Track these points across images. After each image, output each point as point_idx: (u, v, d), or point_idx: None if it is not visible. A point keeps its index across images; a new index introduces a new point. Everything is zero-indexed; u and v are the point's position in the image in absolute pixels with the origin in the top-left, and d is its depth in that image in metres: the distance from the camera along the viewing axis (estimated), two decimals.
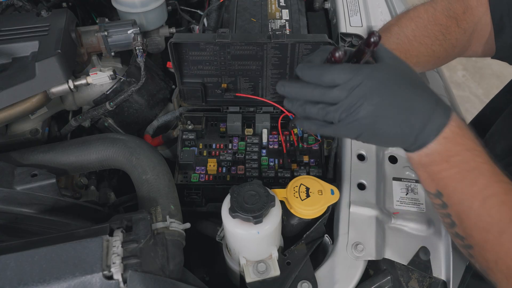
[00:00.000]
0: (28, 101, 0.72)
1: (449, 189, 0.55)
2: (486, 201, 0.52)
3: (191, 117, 0.86)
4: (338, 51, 0.52)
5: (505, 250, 0.51)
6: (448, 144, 0.53)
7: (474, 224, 0.53)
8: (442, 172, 0.54)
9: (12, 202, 0.60)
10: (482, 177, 0.53)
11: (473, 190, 0.53)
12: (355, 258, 0.64)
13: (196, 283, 0.59)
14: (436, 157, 0.54)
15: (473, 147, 0.54)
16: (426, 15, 0.75)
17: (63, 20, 0.77)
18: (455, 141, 0.53)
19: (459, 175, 0.54)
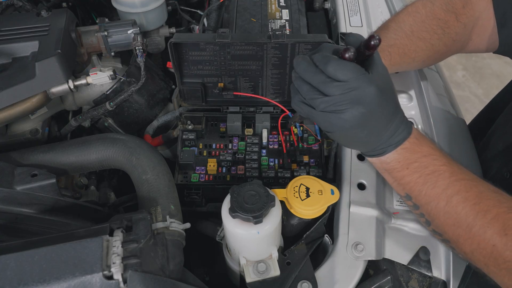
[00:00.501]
0: (28, 101, 0.72)
1: (415, 192, 0.60)
2: (450, 200, 0.57)
3: (191, 117, 0.86)
4: (348, 52, 0.54)
5: (476, 242, 0.55)
6: (406, 154, 0.59)
7: (444, 222, 0.58)
8: (405, 177, 0.59)
9: (12, 202, 0.60)
10: (442, 179, 0.58)
11: (436, 192, 0.58)
12: (355, 258, 0.64)
13: (196, 283, 0.59)
14: (395, 165, 0.60)
15: (430, 152, 0.59)
16: (424, 10, 0.75)
17: (63, 20, 0.77)
18: (412, 149, 0.59)
19: (421, 179, 0.58)
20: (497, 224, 0.54)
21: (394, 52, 0.72)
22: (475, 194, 0.56)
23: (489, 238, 0.54)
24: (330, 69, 0.55)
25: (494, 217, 0.54)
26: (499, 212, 0.54)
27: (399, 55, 0.73)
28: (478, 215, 0.55)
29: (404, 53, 0.73)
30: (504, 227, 0.53)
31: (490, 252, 0.53)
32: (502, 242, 0.53)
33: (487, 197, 0.56)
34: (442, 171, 0.58)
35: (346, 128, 0.56)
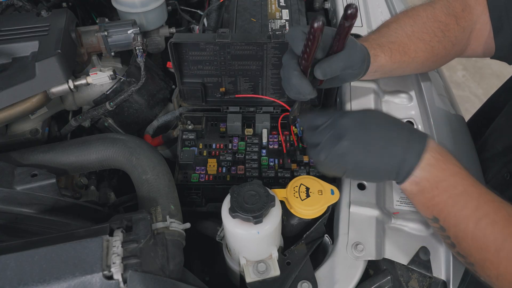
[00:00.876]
0: (28, 101, 0.72)
1: (443, 214, 0.58)
2: (479, 222, 0.55)
3: (191, 117, 0.86)
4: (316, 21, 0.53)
5: (504, 266, 0.53)
6: (434, 171, 0.57)
7: (472, 245, 0.56)
8: (435, 198, 0.57)
9: (12, 202, 0.59)
10: (472, 200, 0.56)
11: (466, 213, 0.56)
12: (355, 258, 0.64)
13: (196, 283, 0.59)
14: (425, 184, 0.57)
15: (458, 171, 0.57)
16: (425, 13, 0.76)
17: (63, 20, 0.77)
18: (439, 167, 0.57)
19: (450, 200, 0.57)
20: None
21: (395, 49, 0.72)
22: (504, 217, 0.54)
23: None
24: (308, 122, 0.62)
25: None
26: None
27: (399, 52, 0.73)
28: (508, 238, 0.53)
29: (404, 51, 0.73)
30: None
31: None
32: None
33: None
34: (471, 191, 0.56)
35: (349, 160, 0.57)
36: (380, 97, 0.84)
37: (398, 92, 0.85)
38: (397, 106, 0.84)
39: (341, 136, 0.57)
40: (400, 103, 0.84)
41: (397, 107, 0.84)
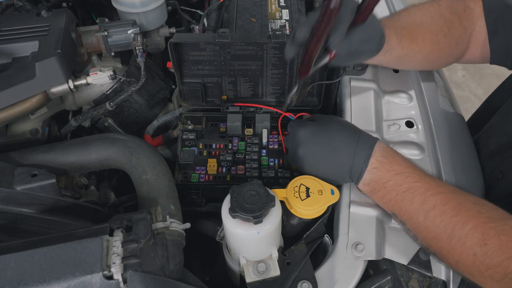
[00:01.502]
0: (28, 101, 0.72)
1: (397, 209, 0.63)
2: (428, 214, 0.59)
3: (191, 117, 0.86)
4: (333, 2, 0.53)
5: (458, 252, 0.56)
6: (379, 173, 0.64)
7: (427, 236, 0.60)
8: (385, 196, 0.64)
9: (12, 202, 0.59)
10: (418, 195, 0.61)
11: (414, 207, 0.60)
12: (355, 258, 0.64)
13: (196, 283, 0.59)
14: (374, 185, 0.64)
15: (402, 170, 0.63)
16: (432, 8, 0.77)
17: (63, 20, 0.77)
18: (384, 169, 0.63)
19: (398, 197, 0.62)
20: (476, 234, 0.55)
21: (405, 34, 0.73)
22: (452, 207, 0.58)
23: (469, 248, 0.55)
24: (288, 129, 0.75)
25: (473, 228, 0.55)
26: (478, 222, 0.56)
27: (409, 39, 0.73)
28: (456, 226, 0.57)
29: (413, 39, 0.73)
30: (484, 237, 0.54)
31: (472, 262, 0.55)
32: (482, 251, 0.54)
33: (465, 208, 0.58)
34: (417, 187, 0.61)
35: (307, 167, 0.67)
36: (380, 97, 0.84)
37: (398, 92, 0.85)
38: (397, 106, 0.84)
39: (297, 145, 0.68)
40: (400, 103, 0.84)
41: (397, 107, 0.84)
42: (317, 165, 0.67)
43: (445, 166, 0.74)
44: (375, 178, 0.64)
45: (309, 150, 0.67)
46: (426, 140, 0.78)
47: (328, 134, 0.66)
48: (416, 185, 0.61)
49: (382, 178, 0.63)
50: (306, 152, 0.67)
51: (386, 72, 0.89)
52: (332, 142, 0.66)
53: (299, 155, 0.67)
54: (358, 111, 0.80)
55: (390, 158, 0.64)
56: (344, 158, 0.65)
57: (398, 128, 0.80)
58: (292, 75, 0.85)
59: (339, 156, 0.65)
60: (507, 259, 0.52)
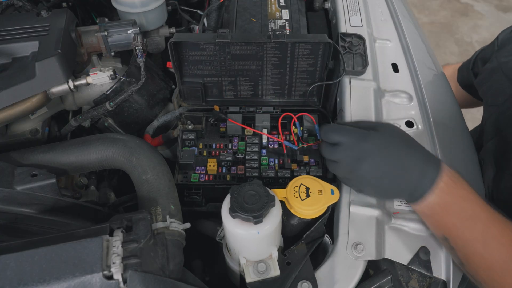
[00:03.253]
0: (28, 101, 0.72)
1: (453, 235, 0.60)
2: (487, 244, 0.58)
3: (191, 117, 0.86)
4: None
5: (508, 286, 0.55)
6: (445, 196, 0.60)
7: (479, 266, 0.59)
8: (444, 220, 0.61)
9: (12, 202, 0.59)
10: (480, 223, 0.59)
11: (474, 236, 0.59)
12: (355, 258, 0.64)
13: (196, 283, 0.59)
14: (436, 208, 0.61)
15: (468, 196, 0.61)
16: None
17: (63, 20, 0.77)
18: (450, 192, 0.60)
19: (459, 223, 0.59)
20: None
21: None
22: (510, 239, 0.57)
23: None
24: (329, 136, 0.64)
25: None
26: None
27: None
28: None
29: None
30: None
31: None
32: None
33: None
34: (480, 215, 0.59)
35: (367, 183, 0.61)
36: (380, 97, 0.84)
37: (398, 92, 0.85)
38: (397, 106, 0.84)
39: (361, 159, 0.60)
40: (400, 103, 0.84)
41: (397, 107, 0.84)
42: (382, 183, 0.61)
43: None
44: (439, 202, 0.60)
45: (378, 165, 0.60)
46: (426, 140, 0.78)
47: (396, 149, 0.61)
48: (479, 213, 0.59)
49: (447, 202, 0.60)
50: (371, 168, 0.60)
51: (386, 72, 0.89)
52: (400, 158, 0.61)
53: (362, 171, 0.60)
54: (358, 111, 0.80)
55: (458, 183, 0.61)
56: (412, 177, 0.60)
57: None
58: (292, 75, 0.85)
59: (407, 174, 0.60)
60: None
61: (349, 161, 0.62)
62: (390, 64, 0.90)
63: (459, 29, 3.03)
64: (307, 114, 0.84)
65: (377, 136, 0.61)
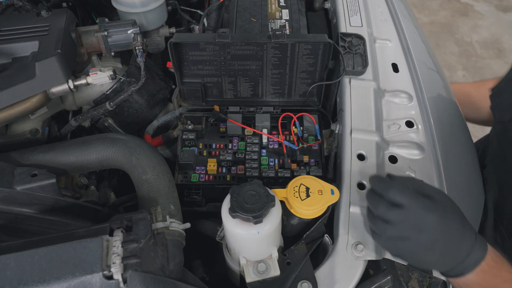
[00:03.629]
0: (28, 101, 0.72)
1: None
2: None
3: (191, 117, 0.86)
4: None
5: None
6: (486, 276, 0.58)
7: None
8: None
9: (12, 202, 0.59)
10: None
11: None
12: (355, 258, 0.64)
13: (196, 283, 0.59)
14: (475, 287, 0.59)
15: (510, 278, 0.59)
16: None
17: (63, 20, 0.77)
18: (491, 273, 0.58)
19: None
20: None
21: None
22: None
23: None
24: (390, 195, 0.58)
25: None
26: None
27: None
28: None
29: None
30: None
31: None
32: None
33: None
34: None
35: (414, 254, 0.58)
36: (380, 97, 0.84)
37: (398, 92, 0.85)
38: (397, 106, 0.84)
39: (422, 230, 0.57)
40: (400, 103, 0.84)
41: (397, 107, 0.84)
42: (429, 255, 0.59)
43: (445, 166, 0.74)
44: (479, 281, 0.59)
45: (434, 239, 0.57)
46: (426, 140, 0.78)
47: (454, 225, 0.58)
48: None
49: (487, 283, 0.59)
50: (429, 241, 0.57)
51: (386, 72, 0.89)
52: (455, 235, 0.58)
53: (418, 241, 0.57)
54: (358, 111, 0.80)
55: (500, 264, 0.60)
56: (460, 255, 0.58)
57: (398, 128, 0.80)
58: (292, 75, 0.84)
59: (456, 252, 0.58)
60: None
61: (408, 228, 0.57)
62: (390, 64, 0.90)
63: (459, 29, 3.03)
64: (307, 114, 0.84)
65: (439, 209, 0.58)
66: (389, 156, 0.76)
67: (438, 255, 0.58)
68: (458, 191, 0.73)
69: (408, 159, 0.75)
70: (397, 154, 0.76)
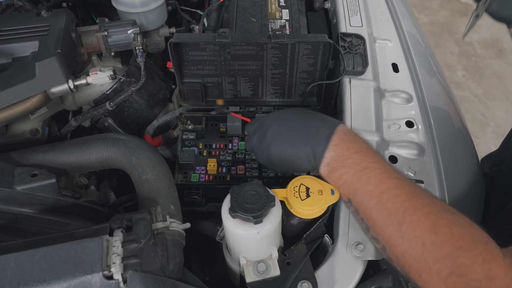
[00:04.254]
0: (28, 101, 0.72)
1: (351, 192, 0.60)
2: (381, 197, 0.56)
3: (191, 117, 0.86)
4: None
5: (407, 241, 0.53)
6: (339, 150, 0.61)
7: (377, 221, 0.57)
8: (343, 176, 0.61)
9: (12, 202, 0.59)
10: (374, 175, 0.58)
11: (369, 189, 0.58)
12: (355, 258, 0.64)
13: (196, 283, 0.59)
14: (333, 164, 0.62)
15: (361, 149, 0.61)
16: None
17: (63, 20, 0.77)
18: (344, 146, 0.61)
19: (355, 176, 0.59)
20: (428, 221, 0.52)
21: None
22: (406, 192, 0.56)
23: (418, 235, 0.51)
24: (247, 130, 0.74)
25: (425, 214, 0.52)
26: (431, 210, 0.53)
27: None
28: (408, 211, 0.53)
29: None
30: (435, 226, 0.51)
31: (421, 253, 0.51)
32: (431, 239, 0.50)
33: (419, 196, 0.55)
34: (374, 168, 0.59)
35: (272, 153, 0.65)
36: (380, 97, 0.84)
37: (398, 92, 0.85)
38: (397, 106, 0.84)
39: (264, 132, 0.66)
40: (400, 103, 0.84)
41: (397, 107, 0.84)
42: (285, 147, 0.65)
43: (445, 166, 0.74)
44: (334, 156, 0.61)
45: (278, 132, 0.66)
46: (426, 140, 0.78)
47: (295, 116, 0.67)
48: (374, 165, 0.59)
49: (342, 156, 0.61)
50: (274, 134, 0.65)
51: (386, 72, 0.89)
52: (298, 122, 0.66)
53: (266, 141, 0.66)
54: (358, 111, 0.80)
55: (352, 137, 0.63)
56: (308, 137, 0.63)
57: (398, 128, 0.80)
58: (292, 75, 0.85)
59: (303, 137, 0.64)
60: (456, 249, 0.49)
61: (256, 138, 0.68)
62: (390, 64, 0.90)
63: (459, 29, 3.03)
64: None
65: (277, 112, 0.70)
66: (389, 156, 0.76)
67: (291, 143, 0.64)
68: (458, 191, 0.73)
69: (408, 159, 0.75)
70: (397, 154, 0.76)
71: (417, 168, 0.74)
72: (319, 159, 0.63)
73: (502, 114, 2.38)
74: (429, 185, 0.72)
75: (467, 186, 0.77)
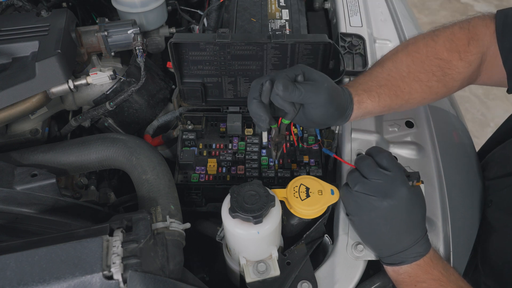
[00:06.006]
0: (28, 101, 0.72)
1: None
2: None
3: (191, 117, 0.86)
4: None
5: None
6: (418, 271, 0.60)
7: None
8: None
9: (12, 202, 0.59)
10: None
11: None
12: (355, 258, 0.64)
13: (196, 283, 0.59)
14: (405, 278, 0.61)
15: (440, 277, 0.60)
16: (425, 49, 0.72)
17: (63, 20, 0.77)
18: (425, 269, 0.60)
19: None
20: None
21: (384, 93, 0.70)
22: None
23: None
24: (380, 156, 0.61)
25: None
26: None
27: (390, 96, 0.70)
28: None
29: (396, 94, 0.70)
30: None
31: None
32: None
33: None
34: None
35: (371, 215, 0.60)
36: None
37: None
38: None
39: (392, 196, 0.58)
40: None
41: None
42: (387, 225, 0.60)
43: (445, 166, 0.74)
44: (411, 273, 0.60)
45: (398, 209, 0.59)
46: (426, 140, 0.78)
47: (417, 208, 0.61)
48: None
49: (418, 277, 0.60)
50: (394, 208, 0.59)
51: None
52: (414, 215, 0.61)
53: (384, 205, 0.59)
54: None
55: (435, 263, 0.61)
56: (405, 243, 0.60)
57: (398, 128, 0.80)
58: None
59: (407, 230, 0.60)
60: None
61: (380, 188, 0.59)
62: None
63: None
64: None
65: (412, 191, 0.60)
66: None
67: (388, 228, 0.60)
68: (457, 191, 0.73)
69: (408, 159, 0.75)
70: (397, 154, 0.76)
71: (417, 168, 0.74)
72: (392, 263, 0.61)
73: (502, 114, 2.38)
74: (429, 185, 0.72)
75: (467, 186, 0.77)
